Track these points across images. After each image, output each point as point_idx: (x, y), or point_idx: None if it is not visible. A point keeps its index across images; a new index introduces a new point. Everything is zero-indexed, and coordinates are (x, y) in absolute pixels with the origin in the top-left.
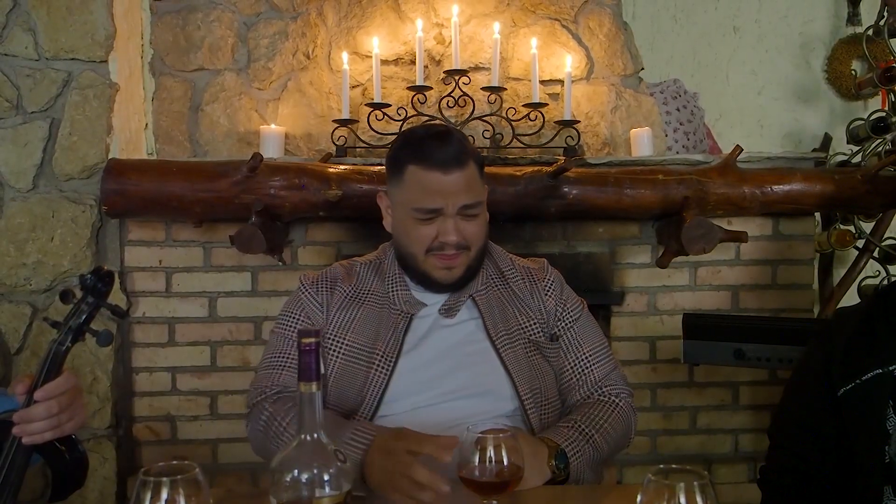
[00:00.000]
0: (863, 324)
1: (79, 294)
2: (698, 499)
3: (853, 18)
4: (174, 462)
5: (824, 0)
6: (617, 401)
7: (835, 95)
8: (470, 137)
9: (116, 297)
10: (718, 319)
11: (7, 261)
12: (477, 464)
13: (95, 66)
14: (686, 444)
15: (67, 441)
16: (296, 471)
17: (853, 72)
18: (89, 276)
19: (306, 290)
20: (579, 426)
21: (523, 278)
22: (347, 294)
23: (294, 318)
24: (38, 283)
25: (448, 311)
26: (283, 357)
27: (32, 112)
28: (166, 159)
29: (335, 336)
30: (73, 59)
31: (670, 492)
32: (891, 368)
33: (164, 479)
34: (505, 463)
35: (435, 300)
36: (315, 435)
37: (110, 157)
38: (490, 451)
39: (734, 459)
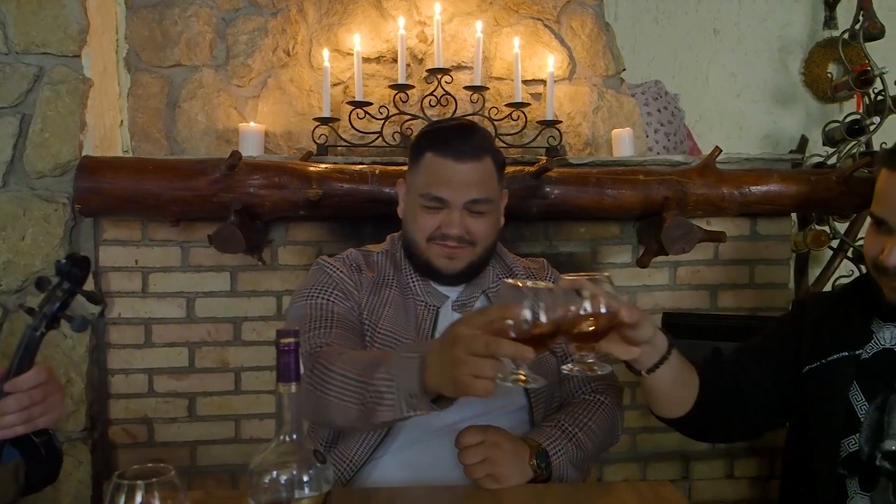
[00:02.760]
0: (836, 307)
1: (54, 281)
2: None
3: (830, 22)
4: (150, 465)
5: (802, 4)
6: (603, 398)
7: (811, 98)
8: None
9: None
10: (696, 318)
11: None
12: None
13: (68, 61)
14: (665, 441)
15: (44, 435)
16: (274, 472)
17: (829, 75)
18: (64, 261)
19: (336, 270)
20: (563, 425)
21: (526, 277)
22: (373, 280)
23: (328, 290)
24: (8, 283)
25: (461, 306)
26: (330, 322)
27: (2, 108)
28: (142, 157)
29: (369, 320)
30: (44, 53)
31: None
32: (857, 353)
33: (139, 482)
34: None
35: (455, 294)
36: (294, 436)
37: (84, 154)
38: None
39: (711, 456)
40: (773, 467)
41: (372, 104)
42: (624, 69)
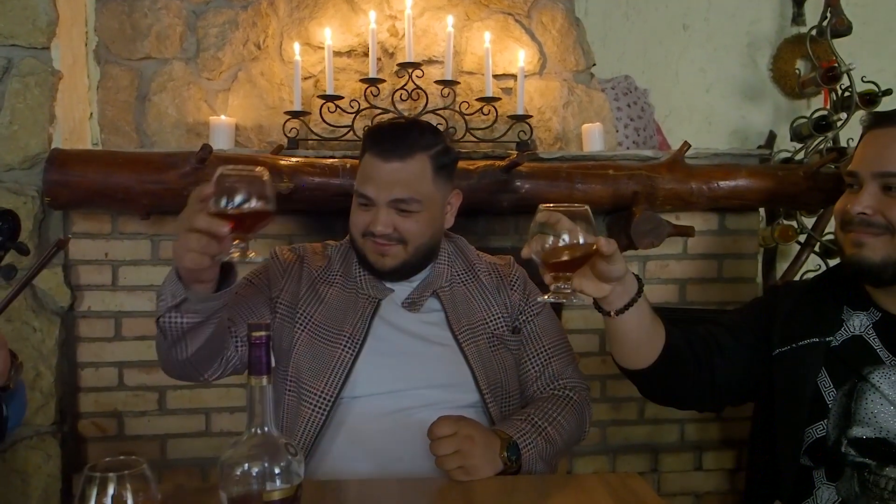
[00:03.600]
0: (809, 295)
1: None
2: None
3: (798, 19)
4: (121, 457)
5: (770, 0)
6: (571, 394)
7: (780, 94)
8: None
9: (60, 291)
10: (664, 311)
11: None
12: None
13: (37, 53)
14: (634, 433)
15: None
16: (246, 464)
17: (797, 71)
18: None
19: (275, 258)
20: (532, 419)
21: (490, 273)
22: (318, 273)
23: (256, 274)
24: None
25: (411, 304)
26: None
27: None
28: (112, 150)
29: (304, 310)
30: (13, 45)
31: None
32: (827, 339)
33: (111, 474)
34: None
35: (401, 290)
36: (265, 428)
37: (53, 147)
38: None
39: (680, 448)
40: (741, 459)
41: (343, 98)
42: (594, 64)
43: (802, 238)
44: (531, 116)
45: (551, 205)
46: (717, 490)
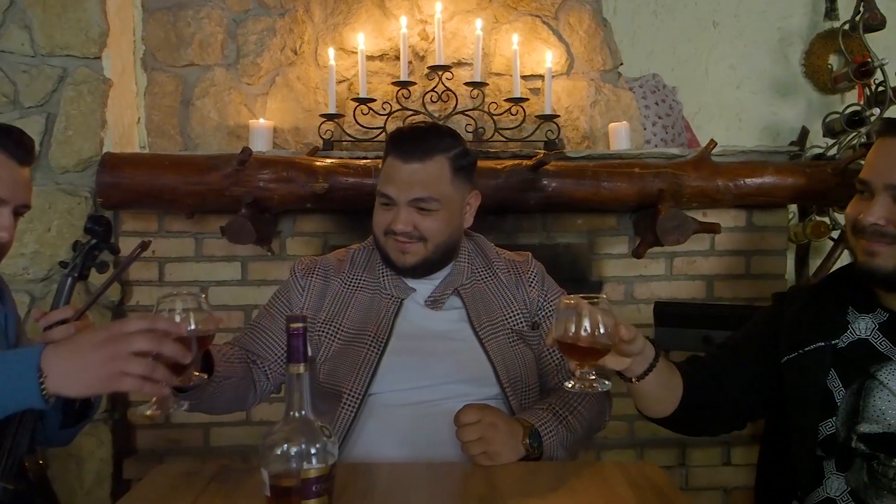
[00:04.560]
0: (814, 299)
1: (84, 240)
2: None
3: (830, 14)
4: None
5: None
6: None
7: (812, 89)
8: None
9: (112, 287)
10: (687, 307)
11: None
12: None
13: (90, 62)
14: (662, 428)
15: None
16: (285, 445)
17: (830, 66)
18: (88, 222)
19: (294, 275)
20: (554, 408)
21: (509, 270)
22: (341, 283)
23: (277, 298)
24: (35, 272)
25: (433, 303)
26: (254, 325)
27: (29, 107)
28: (159, 153)
29: (331, 322)
30: (67, 55)
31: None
32: (833, 342)
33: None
34: (601, 331)
35: (423, 288)
36: (303, 412)
37: (104, 150)
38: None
39: (708, 444)
40: None
41: (375, 100)
42: (621, 63)
43: (835, 234)
44: (559, 116)
45: (573, 296)
46: (746, 485)
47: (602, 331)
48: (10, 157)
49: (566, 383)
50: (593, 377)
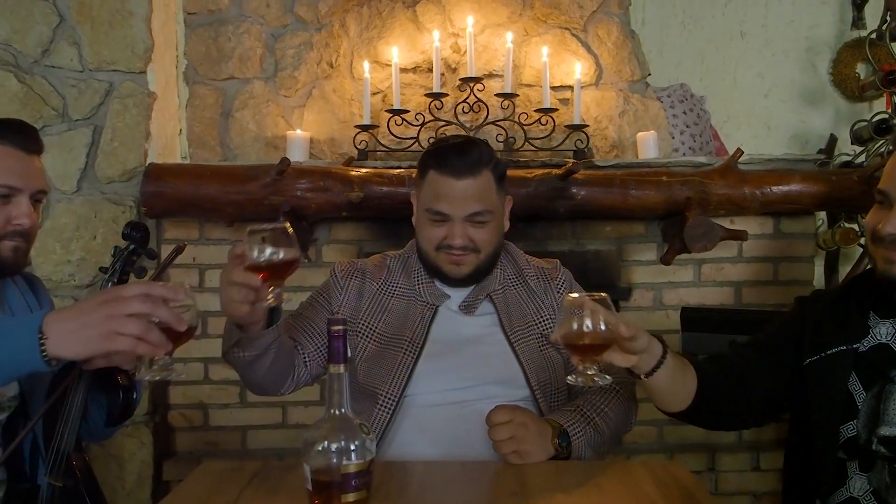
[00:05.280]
0: (836, 303)
1: (122, 246)
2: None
3: (858, 22)
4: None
5: (829, 5)
6: (618, 388)
7: (840, 97)
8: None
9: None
10: (714, 313)
11: (53, 258)
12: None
13: (135, 77)
14: (691, 433)
15: (127, 387)
16: (326, 441)
17: (857, 74)
18: (126, 228)
19: (335, 276)
20: (582, 410)
21: (538, 277)
22: (378, 287)
23: (319, 294)
24: (81, 278)
25: (467, 307)
26: (297, 314)
27: (77, 120)
28: (201, 163)
29: (367, 323)
30: (114, 70)
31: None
32: (855, 346)
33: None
34: (602, 327)
35: (457, 294)
36: (343, 410)
37: (148, 161)
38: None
39: (737, 448)
40: None
41: (409, 112)
42: (649, 74)
43: (864, 241)
44: (587, 126)
45: (575, 294)
46: (775, 490)
47: (603, 327)
48: (16, 147)
49: (568, 378)
50: (592, 372)
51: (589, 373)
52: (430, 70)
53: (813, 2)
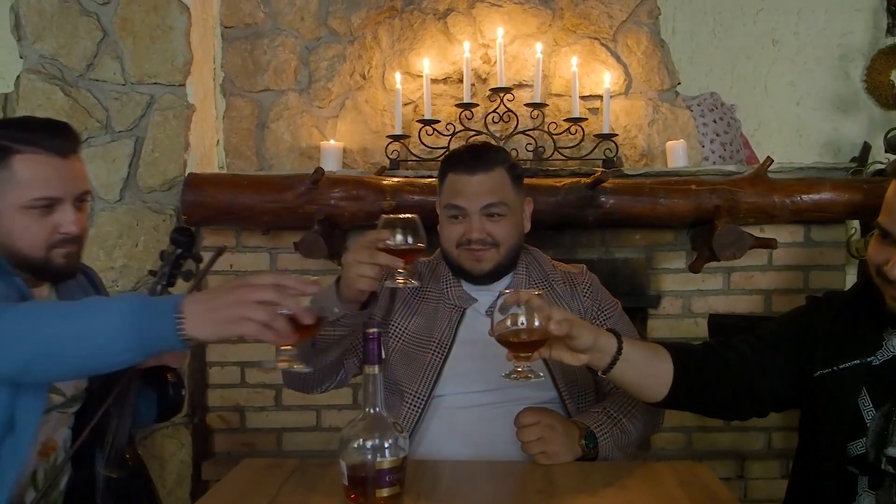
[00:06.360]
0: (848, 311)
1: (169, 250)
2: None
3: (892, 29)
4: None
5: (863, 13)
6: None
7: (874, 105)
8: (513, 151)
9: None
10: (740, 319)
11: (97, 265)
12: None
13: (175, 89)
14: (720, 440)
15: (176, 384)
16: (361, 439)
17: (891, 82)
18: (174, 232)
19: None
20: (609, 411)
21: (564, 282)
22: (410, 292)
23: None
24: (124, 284)
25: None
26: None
27: (119, 131)
28: (238, 173)
29: (398, 323)
30: (155, 83)
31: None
32: (868, 360)
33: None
34: (536, 324)
35: (484, 298)
36: (377, 409)
37: (187, 171)
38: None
39: (767, 456)
40: None
41: (439, 122)
42: (679, 83)
43: None
44: (617, 135)
45: (510, 290)
46: None
47: (537, 324)
48: (51, 153)
49: (502, 374)
50: (521, 369)
51: (520, 369)
52: (461, 81)
53: (846, 9)
